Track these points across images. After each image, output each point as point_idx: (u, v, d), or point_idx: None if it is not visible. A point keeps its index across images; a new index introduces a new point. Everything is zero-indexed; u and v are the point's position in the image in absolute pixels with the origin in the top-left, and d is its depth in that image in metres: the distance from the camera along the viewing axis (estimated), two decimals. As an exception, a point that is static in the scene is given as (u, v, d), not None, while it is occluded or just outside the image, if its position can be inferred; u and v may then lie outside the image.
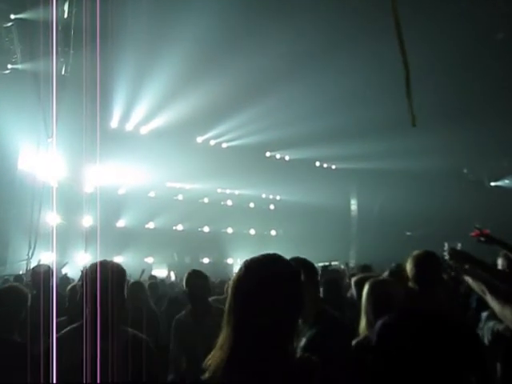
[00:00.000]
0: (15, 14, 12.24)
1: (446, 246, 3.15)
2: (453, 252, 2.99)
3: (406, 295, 3.01)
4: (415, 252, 3.08)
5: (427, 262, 2.96)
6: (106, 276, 2.55)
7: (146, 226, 22.94)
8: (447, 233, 23.28)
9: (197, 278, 4.12)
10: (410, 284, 2.94)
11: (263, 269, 1.77)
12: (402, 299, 3.01)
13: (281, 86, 19.37)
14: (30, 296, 3.45)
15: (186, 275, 4.23)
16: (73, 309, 4.07)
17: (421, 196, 22.76)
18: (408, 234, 26.65)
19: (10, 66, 14.07)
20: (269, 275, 1.75)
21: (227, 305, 1.76)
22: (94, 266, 2.64)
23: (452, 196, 23.67)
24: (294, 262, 1.95)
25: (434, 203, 22.68)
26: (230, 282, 1.82)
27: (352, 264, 16.07)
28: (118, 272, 2.68)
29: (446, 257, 3.08)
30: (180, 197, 24.61)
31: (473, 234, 3.52)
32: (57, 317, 3.18)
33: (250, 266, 1.78)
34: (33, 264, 14.07)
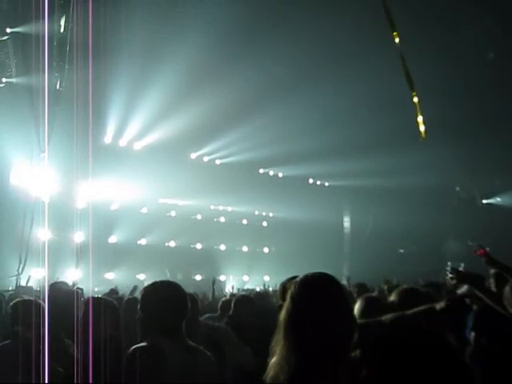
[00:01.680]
0: (11, 27, 12.26)
1: (449, 265, 3.14)
2: (456, 273, 3.00)
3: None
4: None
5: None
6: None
7: (139, 242, 22.75)
8: (440, 250, 23.49)
9: None
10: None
11: (321, 288, 1.83)
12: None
13: (274, 103, 19.49)
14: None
15: None
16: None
17: (413, 213, 22.81)
18: (401, 251, 26.67)
19: (4, 80, 14.04)
20: (327, 294, 1.81)
21: (283, 324, 1.80)
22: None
23: (444, 213, 23.76)
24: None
25: (427, 221, 22.74)
26: (287, 300, 1.86)
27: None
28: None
29: (449, 276, 3.07)
30: (173, 213, 24.47)
31: (478, 252, 3.51)
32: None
33: (305, 286, 1.85)
34: (23, 280, 13.89)
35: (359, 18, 16.38)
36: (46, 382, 2.70)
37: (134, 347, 2.55)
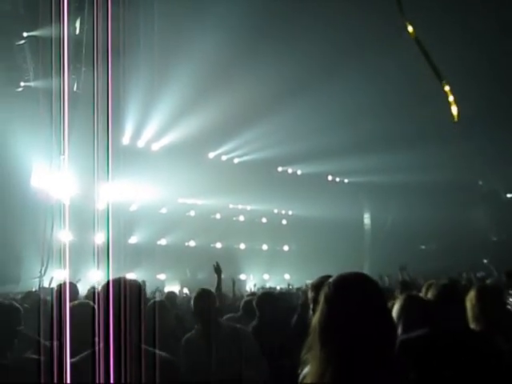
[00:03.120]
0: (28, 31, 12.33)
1: (485, 262, 3.04)
2: None
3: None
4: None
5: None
6: (119, 295, 2.40)
7: (158, 242, 22.82)
8: (462, 246, 23.09)
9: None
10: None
11: (356, 288, 1.75)
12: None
13: (292, 100, 19.36)
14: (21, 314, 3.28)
15: (194, 294, 4.06)
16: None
17: (435, 209, 22.49)
18: (422, 247, 26.29)
19: (22, 84, 14.16)
20: (363, 294, 1.72)
21: (317, 328, 1.71)
22: (105, 286, 2.49)
23: (467, 208, 23.36)
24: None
25: (449, 216, 22.38)
26: (321, 303, 1.76)
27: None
28: (132, 288, 2.50)
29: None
30: (192, 213, 24.50)
31: None
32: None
33: (340, 286, 1.75)
34: (46, 281, 14.01)
35: (378, 13, 16.18)
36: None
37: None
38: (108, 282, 2.51)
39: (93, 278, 15.38)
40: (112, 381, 2.47)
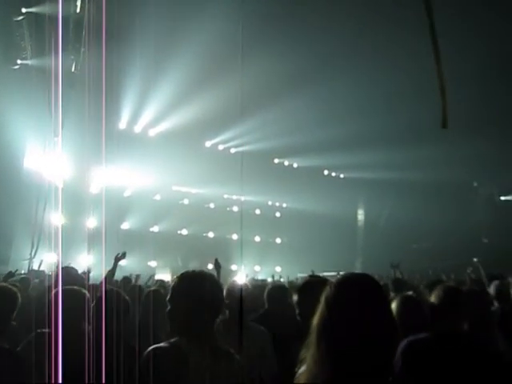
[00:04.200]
0: (26, 7, 12.08)
1: (475, 260, 2.97)
2: None
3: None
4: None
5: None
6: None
7: (151, 229, 22.72)
8: (455, 246, 23.13)
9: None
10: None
11: (359, 290, 1.70)
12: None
13: (291, 92, 19.22)
14: (19, 297, 3.20)
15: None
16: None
17: (429, 208, 22.48)
18: (414, 246, 26.32)
19: (19, 62, 13.90)
20: (366, 297, 1.67)
21: (316, 328, 1.68)
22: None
23: (461, 209, 23.37)
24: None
25: (443, 216, 22.39)
26: (322, 303, 1.72)
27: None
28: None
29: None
30: (186, 201, 24.40)
31: None
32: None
33: (343, 288, 1.71)
34: (35, 263, 13.88)
35: (377, 7, 16.07)
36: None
37: (152, 347, 2.34)
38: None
39: (83, 262, 15.29)
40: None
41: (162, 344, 2.37)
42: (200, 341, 2.34)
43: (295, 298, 2.86)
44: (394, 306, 3.03)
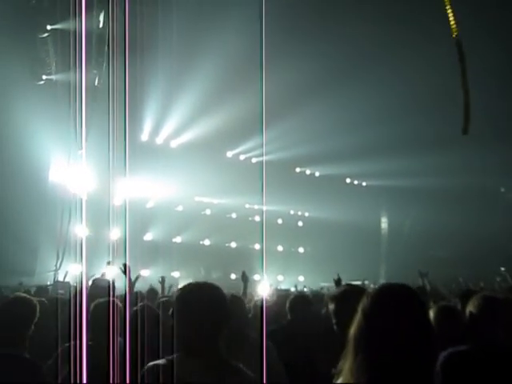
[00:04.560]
0: (51, 24, 12.35)
1: (503, 270, 2.88)
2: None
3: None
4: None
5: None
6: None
7: (174, 239, 22.84)
8: (481, 254, 22.69)
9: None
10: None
11: (397, 301, 1.66)
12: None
13: (312, 100, 19.19)
14: (38, 308, 3.22)
15: None
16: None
17: (455, 215, 22.13)
18: (440, 254, 25.91)
19: (44, 77, 14.19)
20: (404, 308, 1.64)
21: (352, 339, 1.65)
22: None
23: (487, 216, 22.95)
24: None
25: (468, 223, 22.02)
26: (358, 313, 1.69)
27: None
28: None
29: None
30: (208, 211, 24.49)
31: None
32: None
33: (380, 298, 1.68)
34: (60, 275, 14.04)
35: (399, 15, 15.98)
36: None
37: (149, 364, 2.27)
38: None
39: (107, 273, 15.40)
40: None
41: (158, 361, 2.30)
42: (201, 356, 2.24)
43: (331, 306, 2.80)
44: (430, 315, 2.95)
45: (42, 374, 2.92)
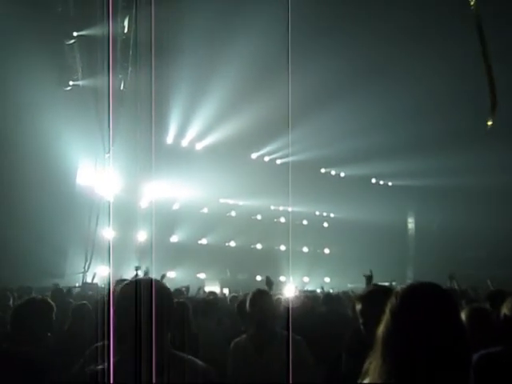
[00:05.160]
0: (77, 31, 12.58)
1: None
2: None
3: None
4: None
5: None
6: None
7: (199, 241, 22.97)
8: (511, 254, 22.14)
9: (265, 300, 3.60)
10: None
11: (427, 301, 1.61)
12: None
13: (337, 101, 19.07)
14: (55, 309, 3.28)
15: (250, 295, 3.70)
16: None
17: (484, 215, 21.68)
18: (469, 254, 25.43)
19: (71, 83, 14.46)
20: (434, 308, 1.58)
21: (380, 340, 1.60)
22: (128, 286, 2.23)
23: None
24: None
25: (499, 223, 21.54)
26: (386, 314, 1.64)
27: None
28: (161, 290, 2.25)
29: None
30: (233, 213, 24.55)
31: None
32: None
33: (409, 298, 1.62)
34: (89, 277, 14.27)
35: (431, 12, 15.79)
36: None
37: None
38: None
39: (134, 275, 15.58)
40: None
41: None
42: None
43: (358, 306, 2.77)
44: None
45: (48, 374, 2.93)
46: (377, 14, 16.35)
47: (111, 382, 2.43)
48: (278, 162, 24.27)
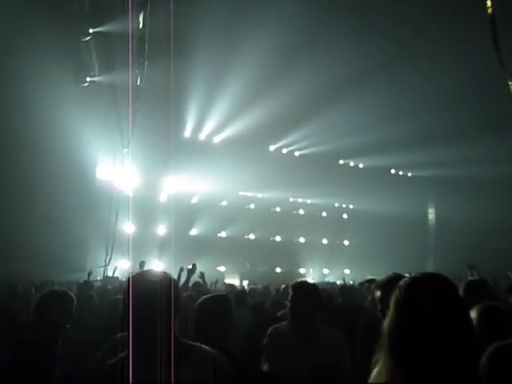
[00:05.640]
0: (93, 28, 12.68)
1: None
2: None
3: None
4: None
5: None
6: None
7: (219, 234, 23.09)
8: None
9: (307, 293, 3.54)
10: None
11: (432, 292, 1.58)
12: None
13: (354, 92, 18.93)
14: (75, 302, 3.36)
15: (291, 287, 3.64)
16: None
17: (506, 205, 21.35)
18: (490, 245, 25.10)
19: (88, 79, 14.59)
20: (439, 299, 1.55)
21: (386, 333, 1.58)
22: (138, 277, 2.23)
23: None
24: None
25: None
26: (391, 307, 1.62)
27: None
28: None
29: None
30: (252, 206, 24.61)
31: None
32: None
33: (413, 289, 1.60)
34: (110, 271, 14.46)
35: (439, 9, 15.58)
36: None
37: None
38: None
39: (155, 268, 15.75)
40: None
41: None
42: None
43: (377, 294, 2.78)
44: (472, 316, 2.85)
45: (58, 361, 3.03)
46: (387, 11, 16.18)
47: (130, 374, 2.47)
48: (297, 153, 24.23)
